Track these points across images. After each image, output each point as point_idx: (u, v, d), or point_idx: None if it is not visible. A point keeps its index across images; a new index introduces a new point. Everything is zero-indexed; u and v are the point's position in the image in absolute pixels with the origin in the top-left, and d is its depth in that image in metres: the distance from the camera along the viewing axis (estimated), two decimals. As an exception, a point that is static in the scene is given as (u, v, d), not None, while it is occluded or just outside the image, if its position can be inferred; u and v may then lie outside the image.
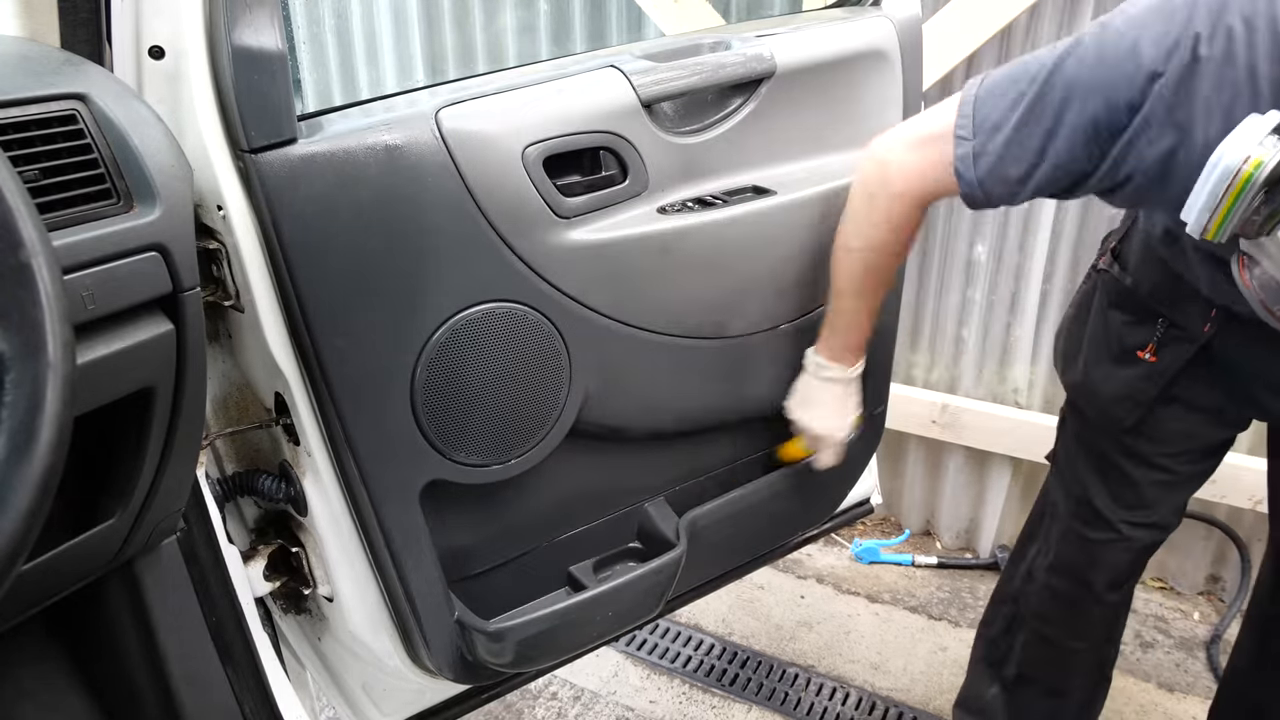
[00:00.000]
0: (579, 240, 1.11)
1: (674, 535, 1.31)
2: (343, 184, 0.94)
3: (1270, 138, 0.79)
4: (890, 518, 2.47)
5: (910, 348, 2.26)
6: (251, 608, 1.10)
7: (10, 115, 0.71)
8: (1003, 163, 1.02)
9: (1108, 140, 0.95)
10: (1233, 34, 0.85)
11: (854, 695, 1.90)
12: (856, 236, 1.18)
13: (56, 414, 0.57)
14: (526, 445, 1.15)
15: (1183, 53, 0.87)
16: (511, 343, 1.09)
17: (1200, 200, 0.83)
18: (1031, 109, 0.98)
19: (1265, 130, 0.79)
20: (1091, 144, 0.96)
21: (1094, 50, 0.94)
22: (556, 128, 1.07)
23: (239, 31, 0.86)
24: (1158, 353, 1.23)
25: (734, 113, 1.22)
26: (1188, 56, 0.87)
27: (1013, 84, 1.01)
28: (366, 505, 1.07)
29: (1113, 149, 0.95)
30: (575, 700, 1.89)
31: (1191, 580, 2.18)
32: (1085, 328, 1.35)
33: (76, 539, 0.79)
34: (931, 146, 1.07)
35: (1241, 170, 0.79)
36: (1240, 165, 0.79)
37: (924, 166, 1.08)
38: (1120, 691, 1.59)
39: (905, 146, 1.11)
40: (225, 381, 1.10)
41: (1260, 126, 0.80)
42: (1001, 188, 1.04)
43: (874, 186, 1.14)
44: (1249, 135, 0.80)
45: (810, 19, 1.37)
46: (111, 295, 0.73)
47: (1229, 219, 0.82)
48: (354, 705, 1.33)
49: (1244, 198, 0.80)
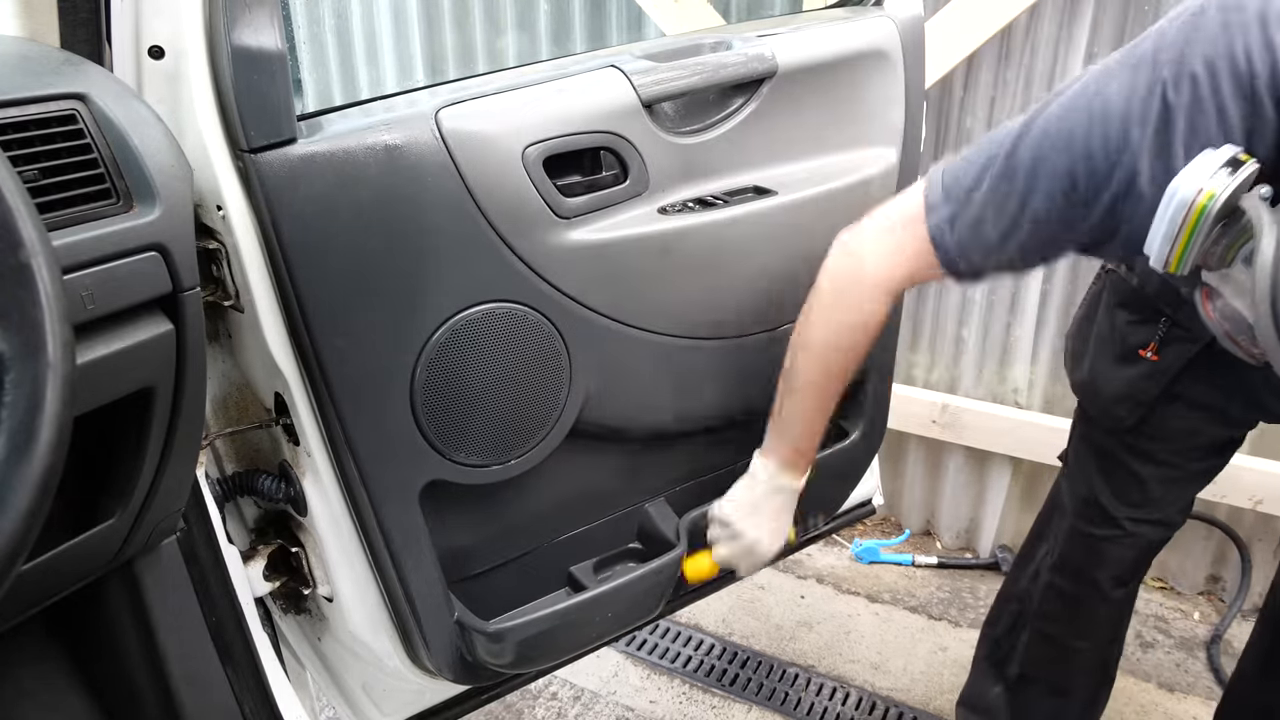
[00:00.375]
0: (579, 240, 1.11)
1: (674, 535, 1.31)
2: (343, 184, 0.94)
3: (1222, 170, 0.80)
4: (890, 518, 2.47)
5: (910, 348, 2.26)
6: (251, 608, 1.10)
7: (10, 115, 0.71)
8: (981, 225, 0.98)
9: (1089, 195, 0.93)
10: (1196, 79, 0.85)
11: (854, 695, 1.90)
12: (820, 334, 1.12)
13: (56, 414, 0.57)
14: (526, 445, 1.15)
15: (1154, 101, 0.87)
16: (511, 343, 1.09)
17: (1159, 234, 0.83)
18: (1004, 173, 0.96)
19: (1218, 163, 0.80)
20: (1071, 200, 0.94)
21: (1063, 109, 0.93)
22: (557, 128, 1.07)
23: (239, 31, 0.86)
24: (1160, 351, 1.24)
25: (735, 113, 1.22)
26: (1159, 105, 0.87)
27: (980, 153, 0.99)
28: (366, 505, 1.07)
29: (1096, 204, 0.93)
30: (575, 700, 1.89)
31: (1191, 580, 2.18)
32: (1093, 327, 1.36)
33: (76, 539, 0.79)
34: (904, 229, 1.04)
35: (1195, 203, 0.80)
36: (1194, 198, 0.80)
37: (897, 248, 1.05)
38: (1120, 691, 1.59)
39: (876, 234, 1.07)
40: (225, 381, 1.10)
41: (1214, 160, 0.81)
42: (981, 253, 1.00)
43: (844, 281, 1.09)
44: (1202, 169, 0.81)
45: (811, 19, 1.37)
46: (111, 295, 0.73)
47: (1188, 251, 0.83)
48: (354, 705, 1.32)
49: (1200, 230, 0.81)
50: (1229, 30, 0.84)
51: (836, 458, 1.50)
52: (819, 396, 1.17)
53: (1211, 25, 0.85)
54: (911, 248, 1.04)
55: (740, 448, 1.43)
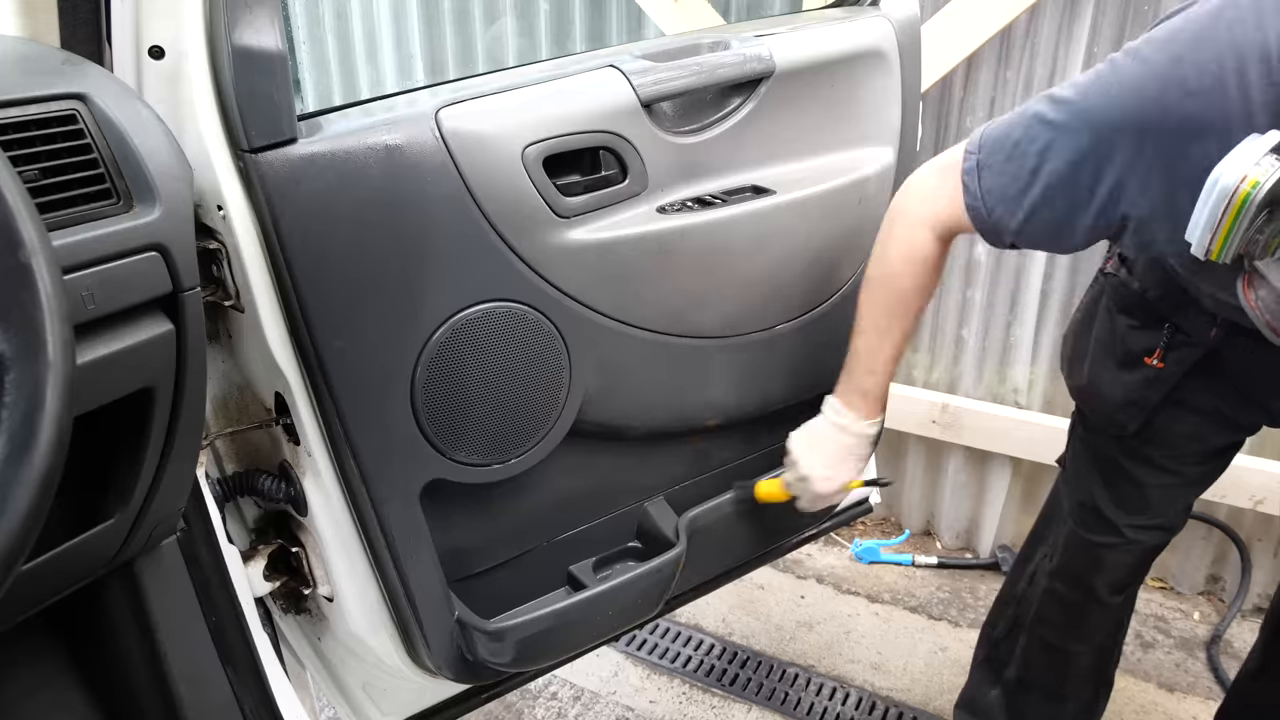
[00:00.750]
0: (579, 240, 1.11)
1: (674, 535, 1.31)
2: (343, 184, 0.94)
3: (1268, 157, 0.79)
4: (890, 518, 2.47)
5: (910, 348, 2.26)
6: (251, 608, 1.10)
7: (10, 115, 0.71)
8: (1002, 178, 1.02)
9: (1095, 175, 0.95)
10: (1223, 67, 0.85)
11: (854, 695, 1.90)
12: (875, 265, 1.18)
13: (56, 414, 0.57)
14: (526, 445, 1.15)
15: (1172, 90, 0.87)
16: (511, 342, 1.09)
17: (1201, 221, 0.83)
18: (1028, 131, 1.00)
19: (1263, 150, 0.80)
20: (1079, 174, 0.96)
21: (1095, 85, 0.95)
22: (556, 127, 1.07)
23: (239, 31, 0.86)
24: (1164, 358, 1.23)
25: (733, 112, 1.22)
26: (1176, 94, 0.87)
27: (1019, 114, 1.03)
28: (366, 505, 1.07)
29: (1099, 187, 0.95)
30: (575, 700, 1.89)
31: (1191, 580, 2.18)
32: (1091, 331, 1.35)
33: (76, 539, 0.79)
34: (949, 171, 1.08)
35: (1239, 190, 0.79)
36: (1237, 185, 0.79)
37: (939, 188, 1.09)
38: (1120, 691, 1.59)
39: (928, 172, 1.12)
40: (225, 381, 1.10)
41: (1258, 147, 0.80)
42: (1002, 206, 1.03)
43: (895, 213, 1.15)
44: (1246, 155, 0.80)
45: (809, 19, 1.37)
46: (111, 295, 0.73)
47: (1230, 239, 0.82)
48: (354, 705, 1.33)
49: (1243, 217, 0.80)
50: (1261, 13, 0.84)
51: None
52: (879, 334, 1.18)
53: (1242, 10, 0.85)
54: (949, 191, 1.07)
55: (740, 446, 1.43)
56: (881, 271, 1.16)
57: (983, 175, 1.04)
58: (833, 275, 1.37)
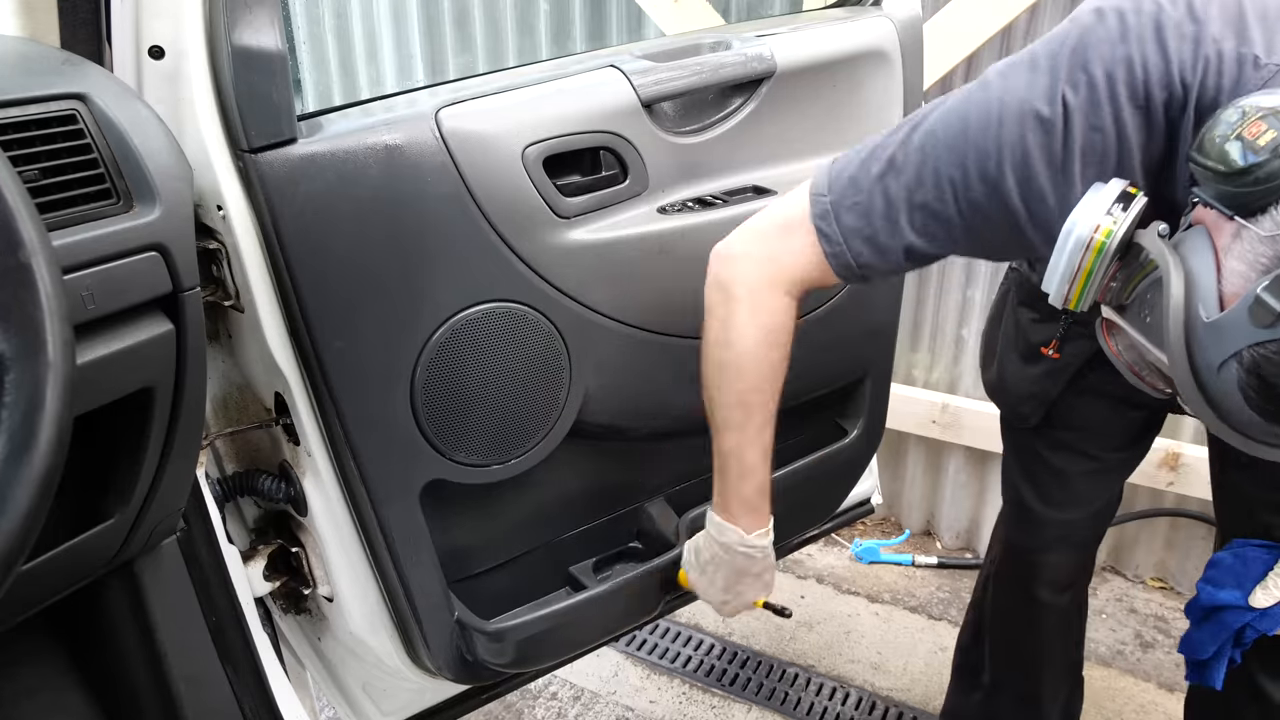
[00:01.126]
0: (579, 240, 1.11)
1: (674, 535, 1.31)
2: (343, 184, 0.94)
3: (1116, 205, 0.80)
4: (890, 518, 2.47)
5: (910, 348, 2.26)
6: (251, 608, 1.10)
7: (10, 115, 0.71)
8: (868, 214, 0.94)
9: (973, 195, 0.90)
10: (1094, 83, 0.84)
11: (854, 695, 1.90)
12: (720, 351, 1.04)
13: (56, 414, 0.57)
14: (526, 445, 1.15)
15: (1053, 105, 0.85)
16: (511, 342, 1.09)
17: (1058, 272, 0.83)
18: (893, 162, 0.93)
19: (1110, 199, 0.80)
20: (956, 196, 0.90)
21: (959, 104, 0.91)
22: (556, 128, 1.07)
23: (239, 31, 0.86)
24: (1060, 349, 1.21)
25: (734, 113, 1.22)
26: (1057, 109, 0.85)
27: (868, 148, 0.96)
28: (366, 505, 1.07)
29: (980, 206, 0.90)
30: (575, 700, 1.89)
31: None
32: (1000, 327, 1.36)
33: (76, 539, 0.79)
34: (790, 226, 0.98)
35: (1094, 240, 0.80)
36: (1091, 235, 0.80)
37: (782, 246, 0.99)
38: (1120, 691, 1.59)
39: (756, 236, 1.01)
40: (225, 381, 1.10)
41: (1106, 196, 0.81)
42: (868, 246, 0.95)
43: (727, 287, 1.02)
44: (1097, 205, 0.81)
45: (810, 19, 1.37)
46: (111, 295, 0.73)
47: (1087, 288, 0.83)
48: (354, 705, 1.33)
49: (1098, 267, 0.81)
50: (1126, 37, 0.83)
51: (835, 456, 1.50)
52: (741, 431, 1.07)
53: (1110, 30, 0.84)
54: (797, 245, 0.98)
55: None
56: (731, 356, 1.02)
57: (842, 218, 0.95)
58: (833, 275, 1.37)
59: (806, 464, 1.43)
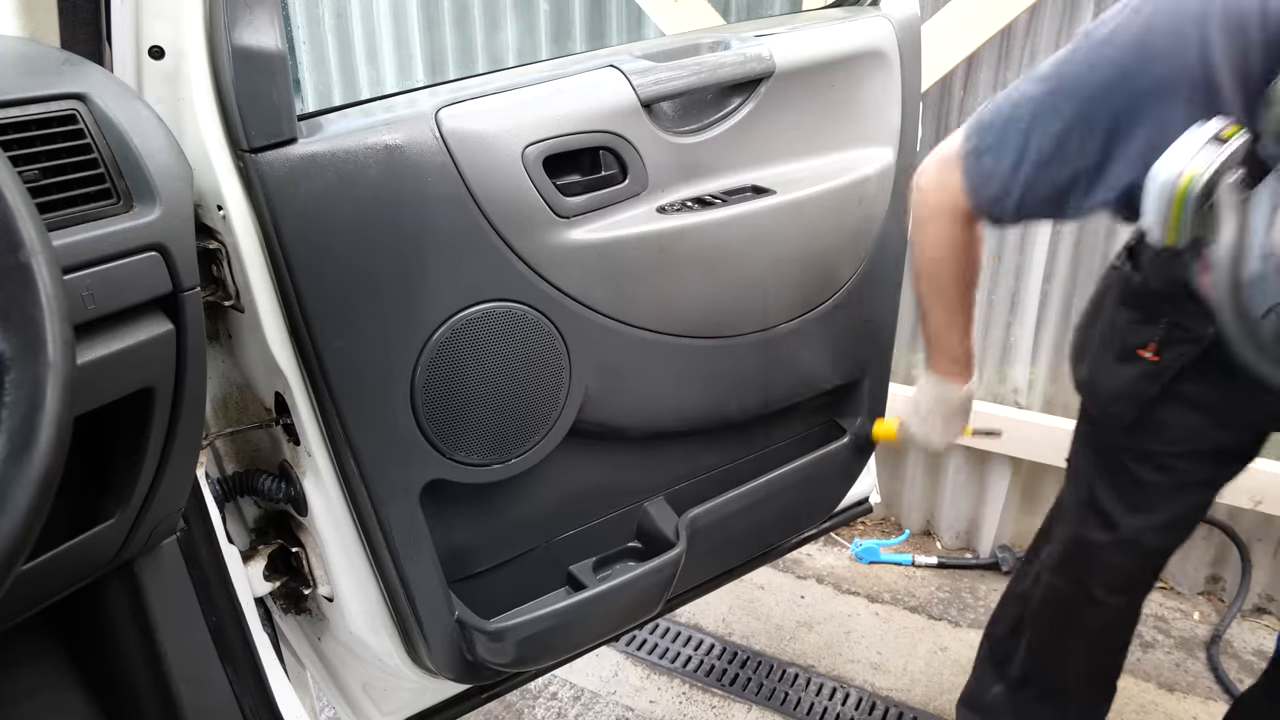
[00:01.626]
0: (579, 240, 1.11)
1: (674, 535, 1.31)
2: (343, 184, 0.94)
3: (1206, 148, 0.83)
4: (890, 518, 2.47)
5: (910, 348, 2.26)
6: (251, 608, 1.10)
7: (10, 115, 0.71)
8: (995, 158, 1.07)
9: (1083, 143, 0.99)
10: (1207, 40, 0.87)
11: (854, 695, 1.90)
12: (916, 260, 1.25)
13: (56, 414, 0.57)
14: (526, 445, 1.15)
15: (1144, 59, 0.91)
16: (511, 342, 1.09)
17: (1150, 214, 0.88)
18: (1016, 109, 1.05)
19: (1202, 141, 0.83)
20: (1069, 146, 1.00)
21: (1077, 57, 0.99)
22: (556, 127, 1.07)
23: (239, 31, 0.86)
24: (1160, 352, 1.23)
25: (733, 112, 1.22)
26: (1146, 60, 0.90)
27: (1006, 95, 1.07)
28: (367, 505, 1.07)
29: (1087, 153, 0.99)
30: (575, 700, 1.89)
31: (1192, 580, 2.18)
32: (1096, 326, 1.36)
33: (76, 539, 0.79)
34: (949, 159, 1.13)
35: (1178, 185, 0.84)
36: (1175, 180, 0.84)
37: (947, 177, 1.13)
38: (1120, 691, 1.58)
39: (932, 163, 1.17)
40: (225, 381, 1.10)
41: (1197, 138, 0.84)
42: (997, 183, 1.07)
43: (916, 208, 1.21)
44: (1184, 149, 0.84)
45: (809, 19, 1.37)
46: (111, 295, 0.73)
47: (1181, 229, 0.87)
48: (354, 705, 1.33)
49: (1186, 210, 0.85)
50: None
51: (833, 456, 1.50)
52: (945, 311, 1.29)
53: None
54: (955, 178, 1.12)
55: (741, 446, 1.43)
56: (922, 265, 1.25)
57: (981, 160, 1.09)
58: (833, 275, 1.37)
59: (805, 463, 1.43)
